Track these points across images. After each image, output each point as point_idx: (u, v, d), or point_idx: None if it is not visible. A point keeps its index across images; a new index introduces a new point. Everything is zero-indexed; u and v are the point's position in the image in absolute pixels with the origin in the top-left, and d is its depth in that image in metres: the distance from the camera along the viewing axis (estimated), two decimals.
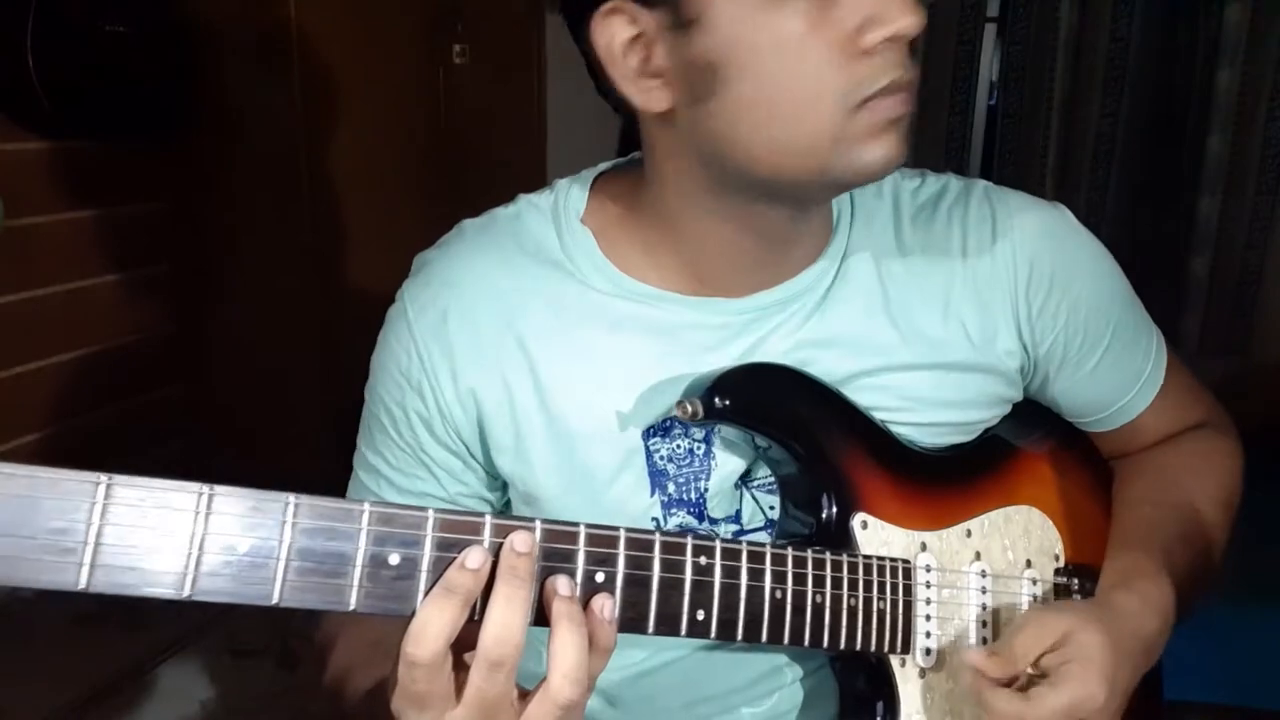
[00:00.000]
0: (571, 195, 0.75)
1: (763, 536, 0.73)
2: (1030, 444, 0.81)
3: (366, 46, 2.24)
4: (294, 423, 2.22)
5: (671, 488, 0.71)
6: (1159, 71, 2.86)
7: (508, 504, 0.78)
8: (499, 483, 0.76)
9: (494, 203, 0.79)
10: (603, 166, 0.77)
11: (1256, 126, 2.79)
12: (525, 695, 0.54)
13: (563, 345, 0.71)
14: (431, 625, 0.50)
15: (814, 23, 0.59)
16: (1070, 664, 0.63)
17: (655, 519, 0.72)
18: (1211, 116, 2.78)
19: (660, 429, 0.71)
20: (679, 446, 0.71)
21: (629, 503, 0.71)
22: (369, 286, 2.22)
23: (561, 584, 0.54)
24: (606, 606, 0.55)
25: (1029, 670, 0.65)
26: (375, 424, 0.76)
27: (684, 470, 0.71)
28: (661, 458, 0.71)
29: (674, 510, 0.72)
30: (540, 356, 0.71)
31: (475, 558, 0.51)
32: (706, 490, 0.72)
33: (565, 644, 0.52)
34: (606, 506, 0.71)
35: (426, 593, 0.51)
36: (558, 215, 0.74)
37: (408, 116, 2.42)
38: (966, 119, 2.95)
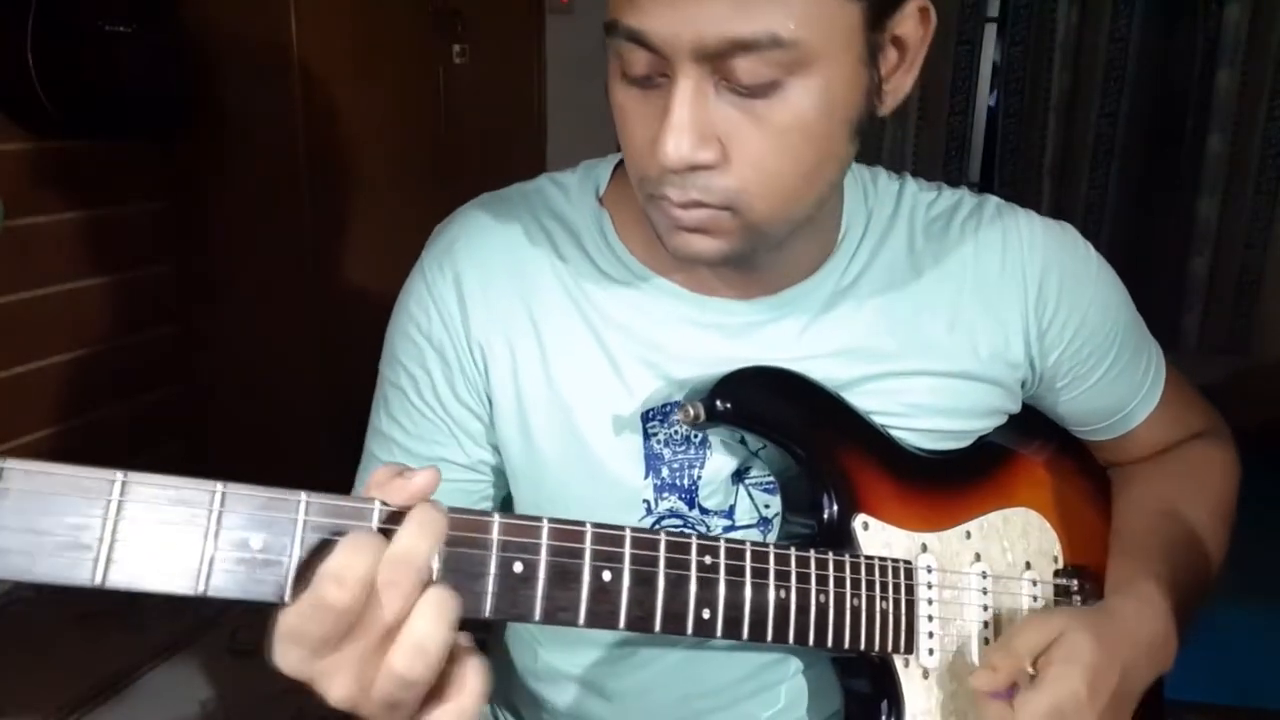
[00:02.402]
0: (595, 174, 0.76)
1: (754, 534, 0.74)
2: (1028, 449, 0.81)
3: (366, 46, 2.24)
4: (294, 423, 2.22)
5: (665, 472, 0.72)
6: (1158, 71, 2.86)
7: None
8: None
9: None
10: None
11: (1256, 126, 2.79)
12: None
13: (570, 319, 0.72)
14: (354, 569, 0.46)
15: (635, 103, 0.60)
16: (1054, 665, 0.64)
17: (646, 500, 0.72)
18: (1211, 116, 2.78)
19: (660, 413, 0.71)
20: (676, 432, 0.72)
21: (624, 480, 0.72)
22: (369, 286, 2.22)
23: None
24: None
25: (1029, 671, 0.65)
26: (393, 393, 0.76)
27: (679, 456, 0.72)
28: (659, 442, 0.72)
29: (665, 494, 0.72)
30: (546, 327, 0.72)
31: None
32: (699, 478, 0.72)
33: (421, 614, 0.47)
34: (602, 482, 0.72)
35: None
36: (579, 191, 0.75)
37: (408, 116, 2.42)
38: (966, 119, 2.95)
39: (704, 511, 0.73)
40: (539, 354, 0.72)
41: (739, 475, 0.73)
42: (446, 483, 0.75)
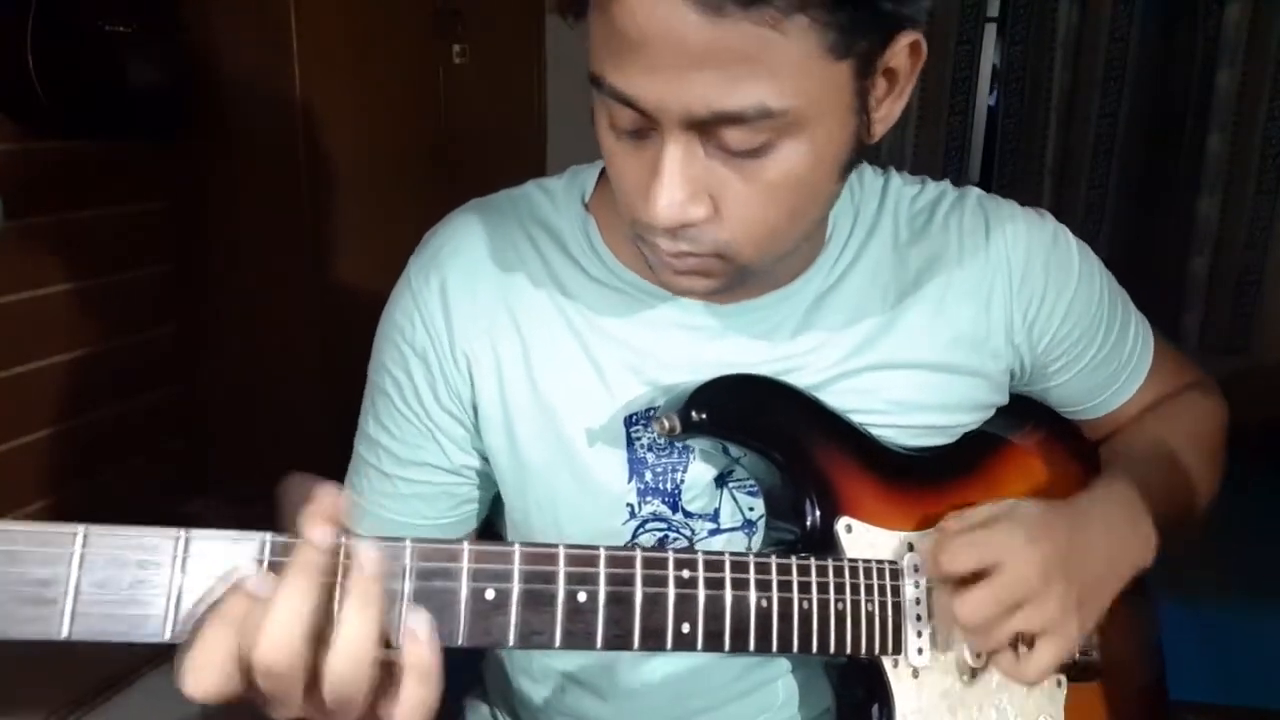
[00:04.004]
0: (581, 179, 0.76)
1: (739, 536, 0.74)
2: (1016, 438, 0.81)
3: (366, 46, 2.24)
4: (294, 422, 2.22)
5: (649, 476, 0.72)
6: (1159, 71, 2.86)
7: None
8: None
9: None
10: None
11: (1256, 126, 2.79)
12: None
13: (554, 325, 0.72)
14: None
15: (624, 152, 0.60)
16: (991, 519, 0.66)
17: (630, 504, 0.72)
18: (1211, 116, 2.78)
19: (643, 418, 0.72)
20: (659, 437, 0.71)
21: (608, 486, 0.72)
22: (368, 286, 2.21)
23: (364, 559, 0.49)
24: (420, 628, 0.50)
25: None
26: (380, 396, 0.76)
27: (662, 460, 0.72)
28: (642, 446, 0.72)
29: (649, 498, 0.72)
30: (531, 333, 0.72)
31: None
32: (683, 482, 0.72)
33: (347, 620, 0.48)
34: (586, 487, 0.72)
35: (405, 620, 0.51)
36: (565, 198, 0.76)
37: (408, 116, 2.42)
38: (966, 119, 2.95)
39: (688, 515, 0.73)
40: (523, 361, 0.72)
41: (722, 479, 0.73)
42: (432, 486, 0.76)
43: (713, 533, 0.74)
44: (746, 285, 0.69)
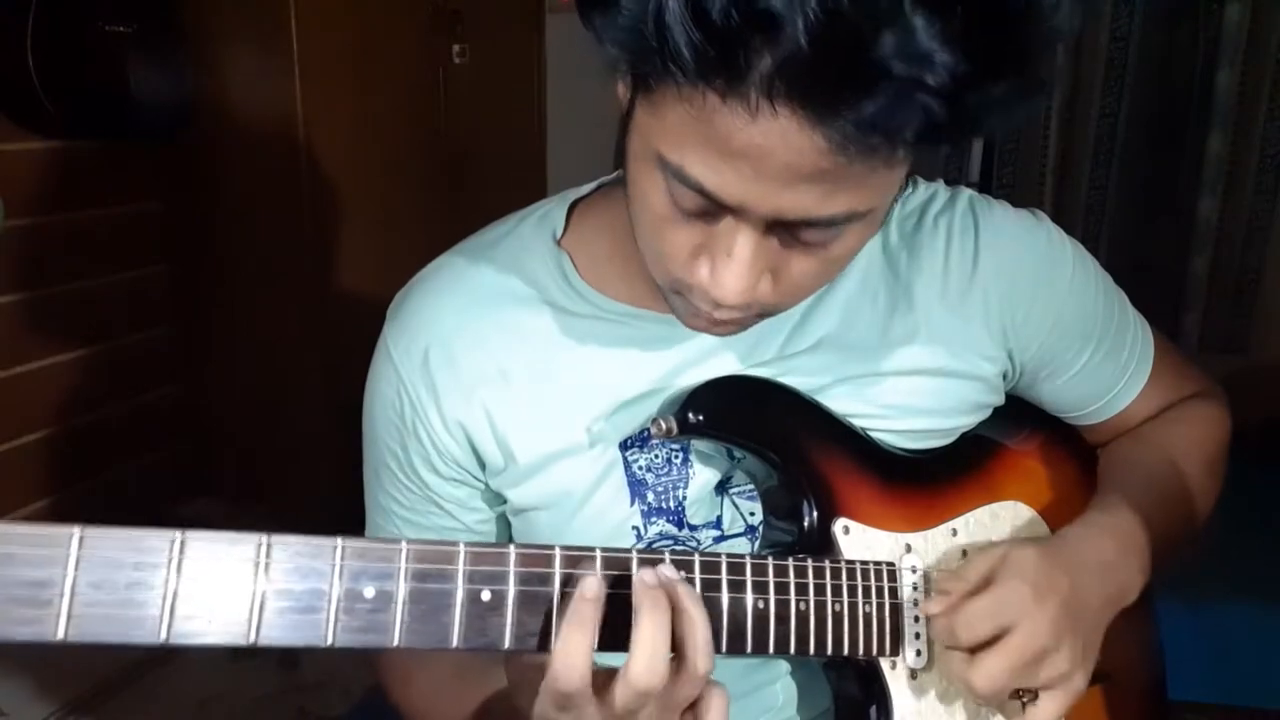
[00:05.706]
0: (551, 219, 0.75)
1: (743, 542, 0.74)
2: (1014, 440, 0.81)
3: (366, 46, 2.24)
4: (294, 423, 2.22)
5: (651, 496, 0.72)
6: (1159, 71, 2.86)
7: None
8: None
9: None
10: (584, 189, 0.77)
11: (1256, 126, 2.79)
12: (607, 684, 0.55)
13: (539, 369, 0.72)
14: (574, 655, 0.53)
15: (679, 222, 0.58)
16: (998, 575, 0.65)
17: (636, 527, 0.72)
18: (1211, 116, 2.78)
19: (638, 440, 0.72)
20: (657, 456, 0.72)
21: (610, 513, 0.72)
22: (368, 286, 2.22)
23: (646, 575, 0.55)
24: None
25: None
26: (382, 468, 0.76)
27: (662, 479, 0.72)
28: (640, 468, 0.72)
29: (654, 519, 0.72)
30: (518, 382, 0.72)
31: (591, 588, 0.54)
32: (685, 498, 0.72)
33: (644, 631, 0.54)
34: (589, 517, 0.72)
35: (401, 621, 0.52)
36: (534, 239, 0.75)
37: (408, 116, 2.42)
38: None
39: (693, 528, 0.73)
40: (515, 410, 0.72)
41: (722, 486, 0.73)
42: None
43: (717, 540, 0.73)
44: None
